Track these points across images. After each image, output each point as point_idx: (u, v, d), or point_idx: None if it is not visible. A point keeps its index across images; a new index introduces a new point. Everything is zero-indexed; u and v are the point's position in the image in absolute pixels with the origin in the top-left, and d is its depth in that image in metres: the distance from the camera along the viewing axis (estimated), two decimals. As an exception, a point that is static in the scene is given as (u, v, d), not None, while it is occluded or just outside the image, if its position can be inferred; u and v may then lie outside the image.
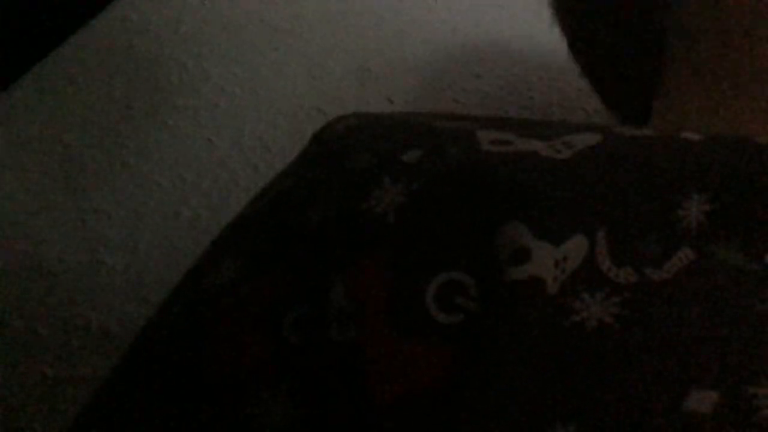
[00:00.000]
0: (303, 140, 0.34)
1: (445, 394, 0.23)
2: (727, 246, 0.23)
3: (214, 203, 0.60)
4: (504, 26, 0.69)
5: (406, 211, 0.26)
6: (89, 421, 0.30)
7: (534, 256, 0.24)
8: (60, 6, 0.71)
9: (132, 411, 0.28)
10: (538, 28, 0.69)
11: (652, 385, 0.21)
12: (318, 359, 0.25)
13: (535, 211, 0.25)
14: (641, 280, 0.23)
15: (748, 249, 0.23)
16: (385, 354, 0.24)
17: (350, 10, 0.72)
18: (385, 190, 0.27)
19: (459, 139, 0.28)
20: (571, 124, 0.30)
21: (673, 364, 0.22)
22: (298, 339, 0.26)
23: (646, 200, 0.25)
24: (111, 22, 0.72)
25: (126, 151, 0.63)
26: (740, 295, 0.22)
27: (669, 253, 0.24)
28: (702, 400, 0.21)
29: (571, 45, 0.49)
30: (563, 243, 0.24)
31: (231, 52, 0.69)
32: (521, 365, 0.23)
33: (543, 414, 0.22)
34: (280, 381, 0.26)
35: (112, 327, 0.53)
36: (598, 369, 0.22)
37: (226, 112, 0.65)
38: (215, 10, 0.73)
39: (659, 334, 0.22)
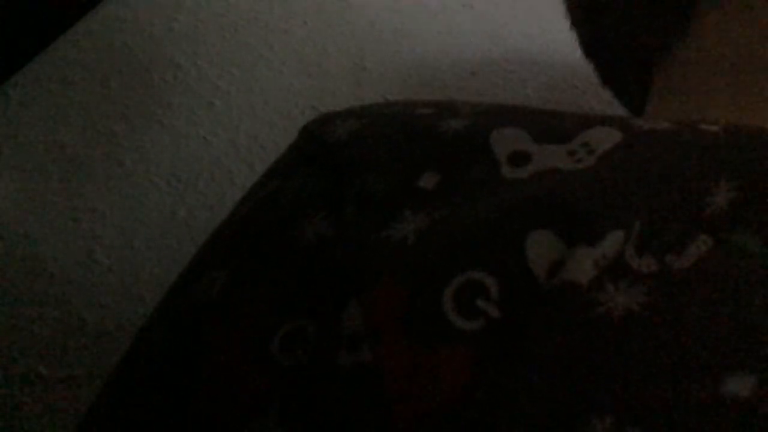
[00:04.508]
0: (298, 139, 0.34)
1: (471, 402, 0.22)
2: (744, 233, 0.23)
3: (209, 202, 0.60)
4: (499, 24, 0.69)
5: (427, 233, 0.26)
6: None
7: (568, 262, 0.23)
8: (52, 3, 0.71)
9: None
10: (534, 26, 0.69)
11: (686, 371, 0.21)
12: (321, 384, 0.24)
13: (565, 218, 0.24)
14: (662, 269, 0.23)
15: (767, 236, 0.23)
16: (404, 369, 0.23)
17: (345, 8, 0.72)
18: (406, 221, 0.26)
19: (476, 159, 0.28)
20: (582, 116, 0.29)
21: (705, 350, 0.21)
22: (291, 362, 0.25)
23: (676, 189, 0.24)
24: (105, 21, 0.71)
25: (121, 150, 0.63)
26: (761, 280, 0.22)
27: (688, 240, 0.23)
28: (741, 385, 0.20)
29: (576, 20, 0.47)
30: (601, 241, 0.24)
31: (226, 51, 0.69)
32: (549, 363, 0.22)
33: (576, 410, 0.21)
34: (271, 406, 0.25)
35: (107, 326, 0.53)
36: (628, 358, 0.21)
37: (222, 110, 0.65)
38: (210, 9, 0.72)
39: (687, 320, 0.22)
